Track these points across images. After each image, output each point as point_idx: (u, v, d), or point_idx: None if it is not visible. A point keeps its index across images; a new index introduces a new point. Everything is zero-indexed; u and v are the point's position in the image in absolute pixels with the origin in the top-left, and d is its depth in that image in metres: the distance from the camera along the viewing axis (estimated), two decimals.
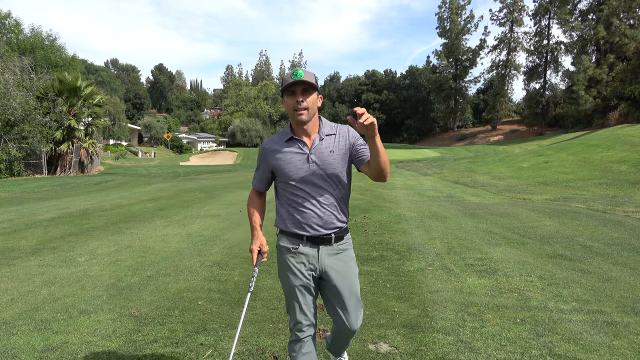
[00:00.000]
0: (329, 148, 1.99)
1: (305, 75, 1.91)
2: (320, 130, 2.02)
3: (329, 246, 2.03)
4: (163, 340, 2.99)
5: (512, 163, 19.46)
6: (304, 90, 1.92)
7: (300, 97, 1.91)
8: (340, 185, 2.03)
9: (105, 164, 31.53)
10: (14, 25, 31.71)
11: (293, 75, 1.91)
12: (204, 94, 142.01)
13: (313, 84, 1.90)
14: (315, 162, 1.97)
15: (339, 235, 2.05)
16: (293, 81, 1.87)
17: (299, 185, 1.99)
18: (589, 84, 45.71)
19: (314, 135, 2.00)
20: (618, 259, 4.92)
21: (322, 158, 1.98)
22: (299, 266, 2.01)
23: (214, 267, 4.77)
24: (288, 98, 1.94)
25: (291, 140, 2.01)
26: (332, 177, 1.99)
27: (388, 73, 75.44)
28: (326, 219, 1.99)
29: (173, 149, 58.54)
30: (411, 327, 3.15)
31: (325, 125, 2.05)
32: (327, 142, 2.00)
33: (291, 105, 1.93)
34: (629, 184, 12.22)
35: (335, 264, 2.03)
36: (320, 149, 1.99)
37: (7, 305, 3.67)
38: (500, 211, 8.42)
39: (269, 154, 2.05)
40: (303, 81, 1.88)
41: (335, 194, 2.02)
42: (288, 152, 2.00)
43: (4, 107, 20.45)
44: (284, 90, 1.94)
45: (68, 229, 7.10)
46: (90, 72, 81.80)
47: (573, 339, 2.93)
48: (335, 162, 1.99)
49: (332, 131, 2.04)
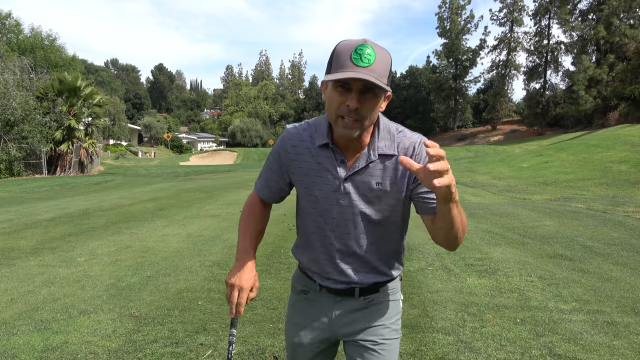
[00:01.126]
0: (375, 179, 1.21)
1: (377, 61, 1.07)
2: (373, 144, 1.20)
3: (352, 301, 1.33)
4: (163, 340, 2.99)
5: (512, 163, 19.46)
6: (364, 89, 1.08)
7: (356, 102, 1.08)
8: (387, 237, 1.29)
9: (105, 164, 31.53)
10: (14, 26, 31.73)
11: (355, 55, 1.06)
12: (204, 94, 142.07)
13: (383, 85, 1.07)
14: (350, 194, 1.22)
15: (367, 288, 1.32)
16: (350, 76, 1.04)
17: (318, 217, 1.29)
18: (589, 84, 45.68)
19: (362, 151, 1.21)
20: (618, 259, 4.92)
21: (361, 192, 1.22)
22: (307, 319, 1.38)
23: (214, 267, 4.77)
24: (334, 91, 1.11)
25: (326, 148, 1.24)
26: (370, 222, 1.25)
27: None
28: (351, 275, 1.30)
29: (173, 149, 58.54)
30: (411, 327, 3.15)
31: (382, 134, 1.22)
32: (376, 168, 1.21)
33: (335, 106, 1.12)
34: (629, 184, 12.22)
35: (356, 325, 1.31)
36: (362, 177, 1.21)
37: (7, 305, 3.67)
38: (500, 211, 8.42)
39: (290, 151, 1.29)
40: (369, 81, 1.05)
41: (369, 243, 1.28)
42: (317, 165, 1.25)
43: (3, 107, 20.46)
44: (330, 77, 1.08)
45: (68, 229, 7.10)
46: (90, 72, 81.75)
47: (573, 339, 2.93)
48: (378, 202, 1.23)
49: (390, 149, 1.20)
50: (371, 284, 1.31)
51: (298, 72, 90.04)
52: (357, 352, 1.31)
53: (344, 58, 1.08)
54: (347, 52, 1.08)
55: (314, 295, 1.37)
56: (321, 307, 1.36)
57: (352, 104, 1.08)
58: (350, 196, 1.22)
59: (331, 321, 1.34)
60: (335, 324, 1.34)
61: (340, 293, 1.33)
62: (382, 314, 1.33)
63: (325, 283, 1.34)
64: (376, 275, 1.31)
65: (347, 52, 1.08)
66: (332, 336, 1.36)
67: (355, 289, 1.31)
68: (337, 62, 1.09)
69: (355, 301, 1.32)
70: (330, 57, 1.12)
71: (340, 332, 1.34)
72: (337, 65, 1.08)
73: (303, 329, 1.38)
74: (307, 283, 1.39)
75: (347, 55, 1.07)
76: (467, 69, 64.52)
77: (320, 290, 1.35)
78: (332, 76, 1.07)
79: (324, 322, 1.35)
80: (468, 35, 69.91)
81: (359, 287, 1.30)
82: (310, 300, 1.38)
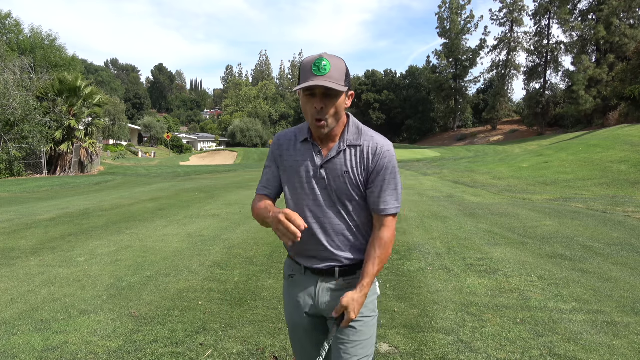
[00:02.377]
0: (343, 166, 1.47)
1: (332, 69, 1.36)
2: (344, 137, 1.49)
3: (332, 281, 1.53)
4: (163, 340, 2.99)
5: (512, 163, 19.46)
6: (325, 92, 1.38)
7: (321, 104, 1.38)
8: (354, 214, 1.51)
9: (105, 164, 31.53)
10: (14, 26, 31.76)
11: (314, 67, 1.36)
12: (204, 94, 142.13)
13: (337, 87, 1.35)
14: (325, 179, 1.48)
15: (346, 269, 1.53)
16: (310, 84, 1.34)
17: (300, 200, 1.53)
18: (589, 84, 45.70)
19: (334, 143, 1.50)
20: (618, 259, 4.92)
21: (333, 177, 1.47)
22: (295, 300, 1.59)
23: (214, 267, 4.77)
24: (304, 98, 1.41)
25: (306, 143, 1.53)
26: (343, 203, 1.49)
27: (388, 73, 75.41)
28: (331, 249, 1.50)
29: (173, 149, 58.54)
30: (411, 327, 3.15)
31: (351, 129, 1.51)
32: (344, 157, 1.47)
33: (308, 110, 1.42)
34: (629, 184, 12.22)
35: (337, 303, 1.49)
36: (334, 164, 1.47)
37: (7, 305, 3.67)
38: (500, 211, 8.42)
39: (279, 146, 1.58)
40: (324, 86, 1.35)
41: (346, 220, 1.51)
42: (299, 156, 1.52)
43: (4, 107, 20.47)
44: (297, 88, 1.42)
45: (68, 229, 7.10)
46: (90, 72, 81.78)
47: (573, 339, 2.93)
48: (346, 186, 1.47)
49: (357, 140, 1.49)
50: (349, 262, 1.52)
51: (298, 72, 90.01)
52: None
53: (306, 71, 1.38)
54: (308, 66, 1.38)
55: (300, 277, 1.58)
56: (306, 286, 1.56)
57: (317, 105, 1.38)
58: (325, 180, 1.48)
59: (315, 299, 1.55)
60: (319, 301, 1.54)
61: (322, 273, 1.53)
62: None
63: (309, 263, 1.54)
64: (354, 252, 1.52)
65: (309, 65, 1.38)
66: (319, 313, 1.56)
67: (336, 270, 1.51)
68: (302, 74, 1.39)
69: (335, 281, 1.53)
70: (299, 72, 1.44)
71: (323, 310, 1.54)
72: (303, 77, 1.39)
73: (294, 308, 1.59)
74: (294, 268, 1.60)
75: (309, 68, 1.37)
76: (467, 69, 64.57)
77: (305, 273, 1.56)
78: (298, 86, 1.39)
79: (310, 300, 1.56)
80: (468, 35, 69.99)
81: (338, 267, 1.51)
82: (296, 282, 1.59)
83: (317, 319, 1.57)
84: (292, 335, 1.65)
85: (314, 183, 1.49)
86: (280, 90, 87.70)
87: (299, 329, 1.60)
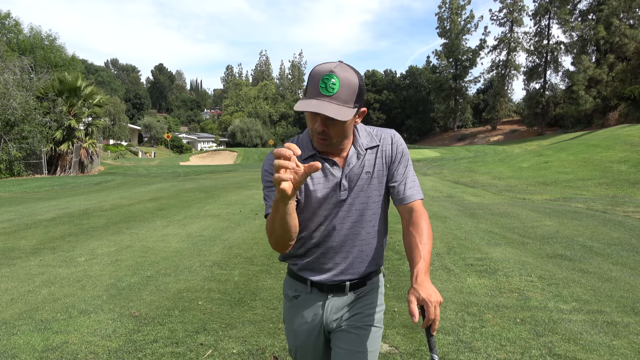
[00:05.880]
0: (365, 169, 1.37)
1: (341, 89, 1.20)
2: (357, 142, 1.37)
3: (342, 296, 1.44)
4: (163, 340, 2.99)
5: (512, 163, 19.46)
6: (329, 117, 1.20)
7: (322, 127, 1.25)
8: (373, 223, 1.42)
9: (105, 164, 31.52)
10: (14, 25, 31.78)
11: (322, 84, 1.20)
12: (204, 94, 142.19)
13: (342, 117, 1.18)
14: (347, 190, 1.36)
15: (357, 282, 1.44)
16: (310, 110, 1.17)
17: (319, 217, 1.39)
18: (589, 84, 45.68)
19: (348, 150, 1.37)
20: (618, 259, 4.92)
21: (355, 184, 1.36)
22: (302, 320, 1.48)
23: (214, 267, 4.77)
24: (307, 114, 1.28)
25: (313, 158, 1.36)
26: (363, 212, 1.39)
27: (388, 73, 75.41)
28: (349, 262, 1.42)
29: (173, 149, 58.53)
30: (411, 327, 3.15)
31: (362, 133, 1.40)
32: (365, 161, 1.37)
33: (310, 127, 1.31)
34: (629, 184, 12.22)
35: (344, 316, 1.44)
36: (354, 170, 1.36)
37: (7, 305, 3.67)
38: (500, 211, 8.42)
39: None
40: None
41: (365, 231, 1.41)
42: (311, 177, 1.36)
43: (4, 107, 20.46)
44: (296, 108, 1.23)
45: (68, 229, 7.10)
46: (90, 72, 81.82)
47: (573, 339, 2.93)
48: (369, 190, 1.38)
49: (372, 142, 1.40)
50: (361, 275, 1.43)
51: (298, 72, 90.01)
52: (340, 336, 1.43)
53: (313, 85, 1.21)
54: (317, 79, 1.21)
55: (305, 296, 1.47)
56: (313, 305, 1.46)
57: (319, 128, 1.25)
58: (347, 191, 1.36)
59: (324, 317, 1.45)
60: (327, 319, 1.45)
61: (331, 290, 1.43)
62: (367, 304, 1.46)
63: (321, 278, 1.42)
64: (370, 265, 1.44)
65: (317, 78, 1.21)
66: (327, 330, 1.47)
67: (346, 285, 1.42)
68: (309, 87, 1.23)
69: (345, 296, 1.44)
70: (307, 80, 1.26)
71: (332, 328, 1.46)
72: (309, 91, 1.23)
73: (301, 332, 1.48)
74: (297, 287, 1.48)
75: (316, 82, 1.21)
76: (467, 69, 64.54)
77: (311, 292, 1.46)
78: (297, 107, 1.21)
79: (317, 319, 1.46)
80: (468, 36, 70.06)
81: (349, 281, 1.42)
82: (301, 302, 1.48)
83: (324, 336, 1.49)
84: (298, 358, 1.53)
85: (337, 197, 1.37)
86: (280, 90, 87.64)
87: (306, 349, 1.50)
